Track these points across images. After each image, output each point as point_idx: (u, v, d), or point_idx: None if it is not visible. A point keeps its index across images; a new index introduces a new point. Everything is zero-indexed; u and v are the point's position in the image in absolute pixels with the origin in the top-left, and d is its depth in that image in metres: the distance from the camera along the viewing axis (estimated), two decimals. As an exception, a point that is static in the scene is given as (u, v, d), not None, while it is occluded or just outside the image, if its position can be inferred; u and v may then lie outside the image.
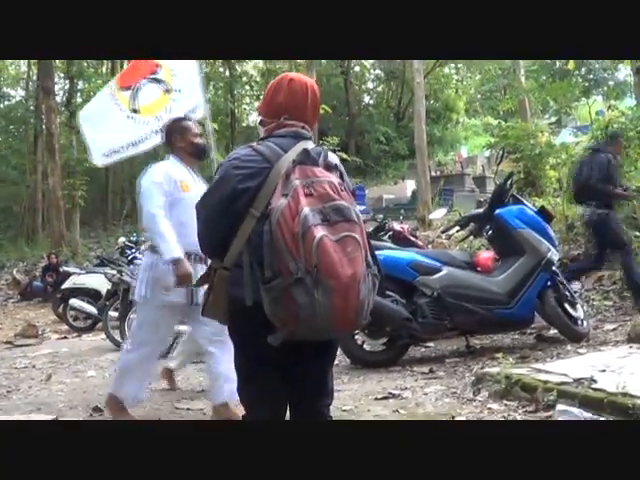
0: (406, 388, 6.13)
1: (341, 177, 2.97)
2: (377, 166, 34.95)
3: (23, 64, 34.76)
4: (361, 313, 2.74)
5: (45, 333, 13.20)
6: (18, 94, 36.56)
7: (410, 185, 26.55)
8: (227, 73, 32.47)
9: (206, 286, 3.14)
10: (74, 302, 12.88)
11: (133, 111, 7.86)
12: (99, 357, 9.45)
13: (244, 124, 39.60)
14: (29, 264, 22.23)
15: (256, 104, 38.95)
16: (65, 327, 13.45)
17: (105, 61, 31.65)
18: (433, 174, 25.26)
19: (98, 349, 10.39)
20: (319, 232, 2.65)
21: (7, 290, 21.14)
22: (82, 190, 23.89)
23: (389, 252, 7.43)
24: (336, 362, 7.52)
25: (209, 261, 3.22)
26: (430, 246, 13.10)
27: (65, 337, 12.53)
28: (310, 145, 3.04)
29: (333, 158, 3.04)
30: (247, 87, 35.08)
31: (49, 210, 22.39)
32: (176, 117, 5.92)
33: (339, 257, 2.65)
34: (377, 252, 7.13)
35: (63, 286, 13.76)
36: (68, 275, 14.20)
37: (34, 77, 30.08)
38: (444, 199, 21.34)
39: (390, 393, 5.93)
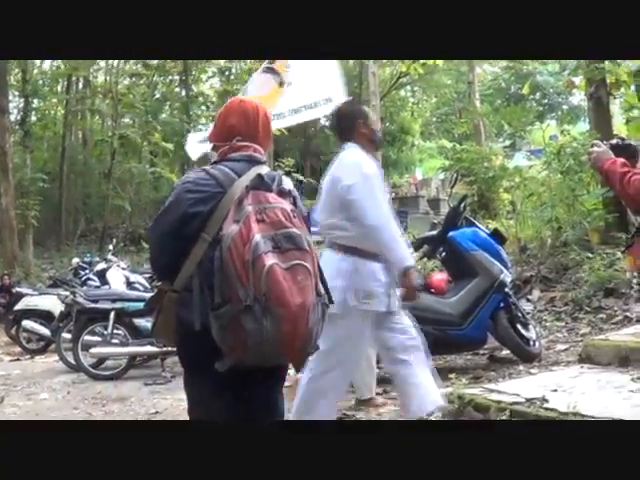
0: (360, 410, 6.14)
1: (294, 203, 2.96)
2: (332, 189, 34.86)
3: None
4: (309, 341, 2.76)
5: (-3, 355, 12.97)
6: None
7: (366, 207, 26.51)
8: (183, 93, 32.38)
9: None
10: (27, 324, 12.68)
11: None
12: (52, 379, 9.31)
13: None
14: (-19, 285, 21.82)
15: (211, 125, 38.91)
16: (18, 349, 13.21)
17: (60, 79, 31.41)
18: (388, 196, 25.34)
19: (51, 371, 10.23)
20: (269, 260, 2.64)
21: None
22: (35, 210, 23.59)
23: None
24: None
25: None
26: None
27: (18, 359, 12.32)
28: (264, 170, 3.04)
29: (287, 183, 3.05)
30: (203, 107, 35.01)
31: (2, 230, 21.98)
32: (349, 100, 5.50)
33: (289, 285, 2.64)
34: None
35: (15, 307, 13.48)
36: (21, 296, 13.91)
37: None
38: (400, 221, 21.41)
39: (344, 414, 5.93)
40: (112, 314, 9.40)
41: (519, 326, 7.47)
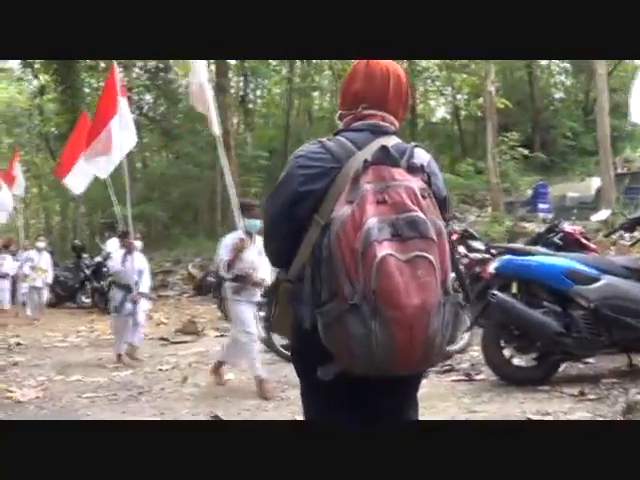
0: (548, 413, 5.43)
1: (428, 181, 2.45)
2: (563, 162, 33.26)
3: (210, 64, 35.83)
4: (430, 350, 2.30)
5: (205, 330, 13.19)
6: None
7: (596, 183, 24.94)
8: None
9: None
10: (235, 299, 12.80)
11: None
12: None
13: (433, 120, 38.97)
14: (205, 259, 22.61)
15: (442, 100, 38.36)
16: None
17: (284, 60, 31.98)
18: (619, 171, 23.60)
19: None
20: (383, 250, 2.23)
21: (182, 285, 21.65)
22: (257, 187, 24.17)
23: (543, 258, 6.74)
24: (482, 376, 6.98)
25: None
26: (613, 252, 11.93)
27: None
28: (392, 141, 2.56)
29: (421, 157, 2.56)
30: (429, 82, 34.46)
31: (226, 206, 22.70)
32: None
33: (405, 282, 2.22)
34: (530, 258, 6.49)
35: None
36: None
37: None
38: (629, 198, 19.76)
39: (528, 419, 5.25)
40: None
41: None
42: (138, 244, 11.09)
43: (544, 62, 38.18)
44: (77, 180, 14.05)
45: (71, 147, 14.58)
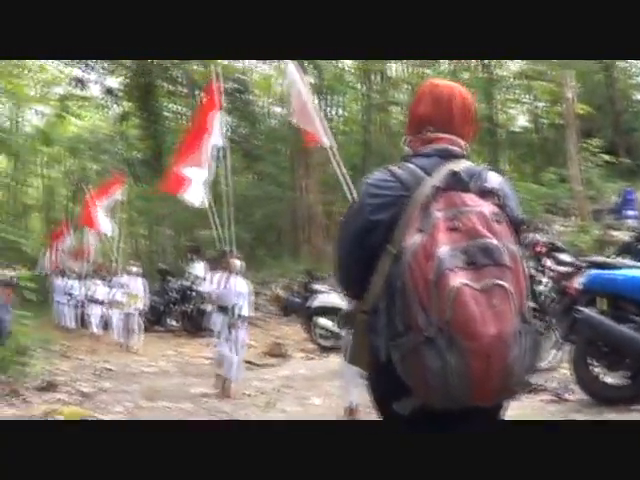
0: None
1: (501, 205, 2.39)
2: (649, 167, 32.24)
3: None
4: (509, 379, 2.23)
5: (291, 352, 13.09)
6: (282, 112, 37.85)
7: (687, 188, 24.03)
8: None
9: None
10: (320, 321, 12.74)
11: None
12: (331, 382, 9.03)
13: (514, 129, 38.33)
14: (290, 280, 22.60)
15: (521, 108, 37.72)
16: (312, 346, 13.31)
17: (356, 74, 31.90)
18: None
19: (332, 372, 9.88)
20: (457, 279, 2.17)
21: (268, 306, 21.66)
22: (339, 204, 24.05)
23: (632, 272, 6.49)
24: (574, 396, 6.66)
25: None
26: None
27: (309, 357, 12.36)
28: (462, 165, 2.52)
29: (493, 180, 2.50)
30: (505, 91, 33.94)
31: (308, 226, 22.69)
32: None
33: (481, 311, 2.15)
34: (618, 272, 6.24)
35: (312, 304, 13.63)
36: (316, 293, 14.08)
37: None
38: None
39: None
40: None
41: None
42: (238, 264, 10.95)
43: (622, 63, 37.24)
44: (192, 192, 14.06)
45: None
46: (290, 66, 8.29)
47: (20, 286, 9.64)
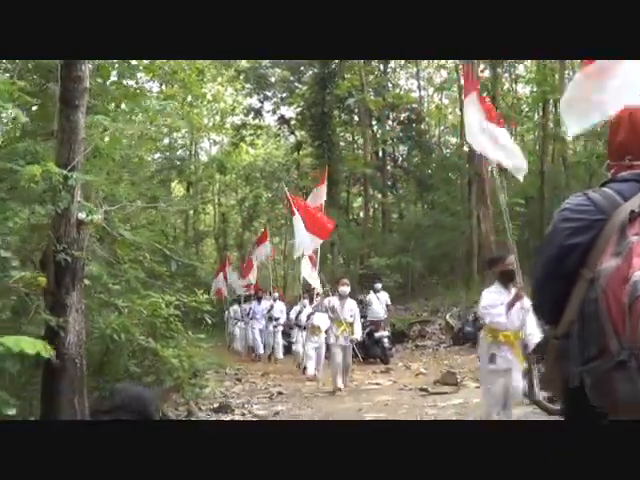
0: None
1: None
2: None
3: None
4: None
5: (464, 381, 12.90)
6: (452, 141, 37.54)
7: None
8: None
9: None
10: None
11: None
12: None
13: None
14: (463, 309, 22.37)
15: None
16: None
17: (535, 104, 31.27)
18: None
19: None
20: None
21: (440, 335, 21.49)
22: (515, 234, 23.54)
23: None
24: None
25: None
26: None
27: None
28: None
29: None
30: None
31: (483, 255, 22.31)
32: None
33: None
34: None
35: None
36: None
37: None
38: None
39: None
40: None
41: None
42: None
43: None
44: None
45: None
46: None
47: (201, 310, 9.86)
